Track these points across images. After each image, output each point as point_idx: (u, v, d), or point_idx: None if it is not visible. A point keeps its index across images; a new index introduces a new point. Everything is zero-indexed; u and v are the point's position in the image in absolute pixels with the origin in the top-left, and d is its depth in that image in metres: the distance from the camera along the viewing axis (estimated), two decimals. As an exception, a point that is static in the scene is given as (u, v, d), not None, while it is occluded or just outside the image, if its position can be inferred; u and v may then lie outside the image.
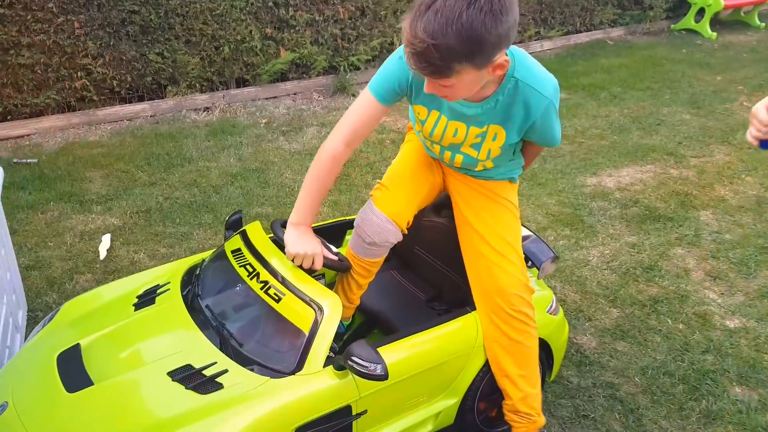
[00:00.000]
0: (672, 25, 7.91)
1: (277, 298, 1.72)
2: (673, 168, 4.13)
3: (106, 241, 3.13)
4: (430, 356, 1.81)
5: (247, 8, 4.76)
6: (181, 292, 1.91)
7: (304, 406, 1.59)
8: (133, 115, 4.62)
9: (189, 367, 1.62)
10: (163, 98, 4.73)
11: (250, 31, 4.83)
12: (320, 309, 1.67)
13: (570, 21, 7.06)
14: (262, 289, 1.75)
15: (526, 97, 1.62)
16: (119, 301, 1.95)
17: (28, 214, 3.36)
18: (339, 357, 1.63)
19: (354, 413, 1.69)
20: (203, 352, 1.67)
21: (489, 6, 1.33)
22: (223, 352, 1.67)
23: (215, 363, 1.63)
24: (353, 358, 1.57)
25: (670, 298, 2.84)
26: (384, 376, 1.57)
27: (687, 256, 3.17)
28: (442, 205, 2.10)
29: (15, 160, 3.93)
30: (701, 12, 7.71)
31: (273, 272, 1.77)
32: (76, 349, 1.74)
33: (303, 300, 1.69)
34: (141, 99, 4.69)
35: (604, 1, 7.28)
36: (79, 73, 4.31)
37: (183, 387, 1.57)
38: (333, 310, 1.67)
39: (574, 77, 5.94)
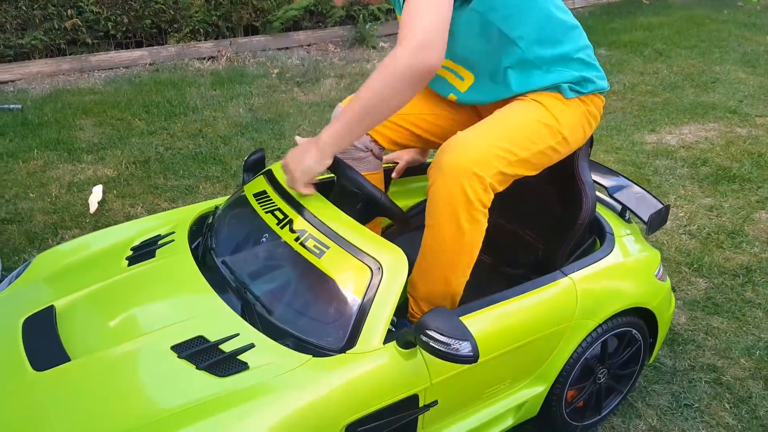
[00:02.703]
0: (710, -15, 7.40)
1: (318, 251, 1.27)
2: (739, 126, 3.66)
3: (97, 192, 2.68)
4: (523, 329, 1.37)
5: (259, -57, 4.26)
6: (190, 244, 1.46)
7: (358, 395, 1.15)
8: (130, 62, 4.14)
9: (201, 339, 1.19)
10: (163, 44, 4.24)
11: (262, -30, 4.34)
12: (378, 266, 1.22)
13: (604, -23, 6.54)
14: (296, 240, 1.30)
15: None
16: (108, 254, 1.51)
17: (7, 162, 2.91)
18: (406, 330, 1.19)
19: (422, 405, 1.25)
20: (220, 321, 1.23)
21: None
22: (246, 321, 1.23)
23: (237, 335, 1.19)
24: (429, 331, 1.12)
25: (765, 267, 2.40)
26: (473, 358, 1.12)
27: (774, 220, 2.72)
28: None
29: (-5, 106, 3.46)
30: (741, -27, 7.20)
31: (311, 219, 1.32)
32: (48, 312, 1.31)
33: (354, 254, 1.25)
34: (139, 45, 4.20)
35: (641, -44, 6.75)
36: (69, 12, 3.82)
37: (193, 366, 1.14)
38: (396, 268, 1.23)
39: (613, 34, 5.45)
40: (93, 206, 2.60)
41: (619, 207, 1.77)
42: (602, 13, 6.22)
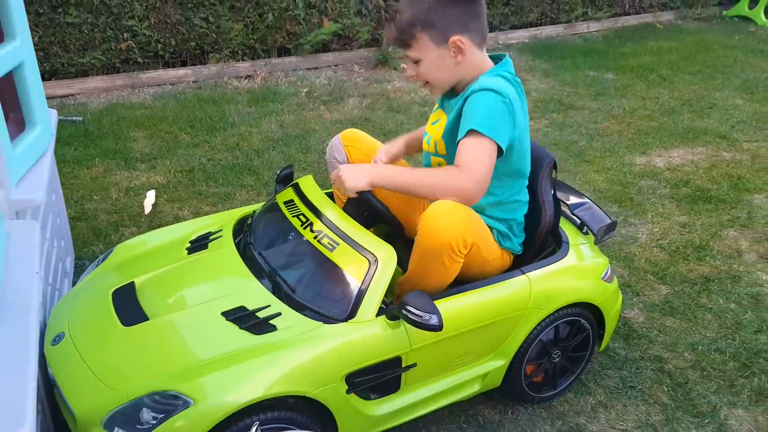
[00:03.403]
0: (724, 12, 7.66)
1: (331, 247, 1.70)
2: (726, 151, 4.00)
3: (150, 196, 3.15)
4: (484, 313, 1.77)
5: (293, -24, 4.73)
6: (234, 240, 1.91)
7: (355, 352, 1.58)
8: (176, 80, 4.64)
9: (243, 308, 1.62)
10: (205, 64, 4.74)
11: (294, 0, 4.81)
12: (375, 259, 1.64)
13: (618, 2, 6.88)
14: (315, 238, 1.73)
15: (471, 89, 1.72)
16: (172, 245, 1.95)
17: (73, 168, 3.40)
18: (393, 307, 1.61)
19: (404, 365, 1.66)
20: (257, 296, 1.66)
21: None
22: (276, 296, 1.66)
23: (269, 306, 1.62)
24: (408, 306, 1.55)
25: (722, 278, 2.75)
26: (438, 326, 1.54)
27: (740, 237, 3.06)
28: None
29: (60, 118, 3.93)
30: (755, -1, 7.46)
31: (327, 222, 1.75)
32: (130, 286, 1.75)
33: (357, 250, 1.67)
34: (184, 64, 4.70)
35: (655, -17, 7.08)
36: (125, 35, 4.33)
37: (237, 327, 1.57)
38: (387, 261, 1.65)
39: (623, 58, 5.79)
40: (147, 208, 3.07)
41: (578, 221, 2.16)
42: (615, 37, 6.54)
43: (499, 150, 1.67)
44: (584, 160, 3.77)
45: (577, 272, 1.97)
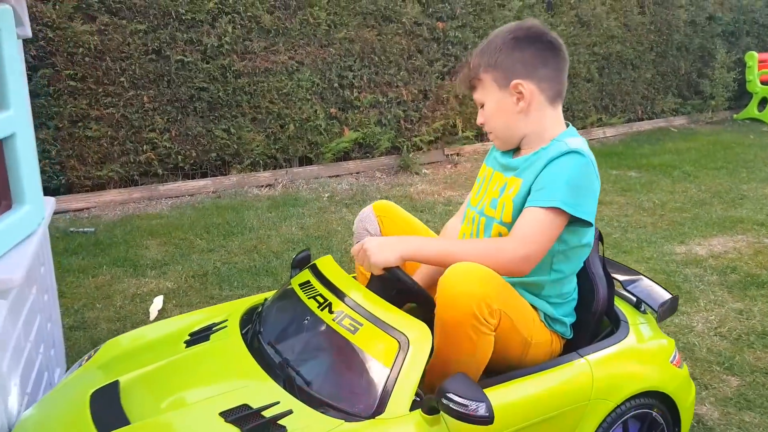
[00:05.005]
0: (735, 115, 7.77)
1: (353, 328, 1.45)
2: (767, 238, 3.78)
3: (158, 302, 2.97)
4: (540, 406, 1.50)
5: (313, 89, 4.84)
6: (241, 331, 1.67)
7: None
8: (195, 191, 4.61)
9: (246, 407, 1.35)
10: (226, 174, 4.74)
11: (315, 111, 4.88)
12: (406, 340, 1.40)
13: (631, 109, 6.98)
14: (334, 320, 1.50)
15: (556, 150, 1.56)
16: (168, 339, 1.72)
17: (78, 277, 3.24)
18: (429, 397, 1.34)
19: (448, 477, 1.37)
20: (263, 391, 1.40)
21: (515, 34, 1.61)
22: (287, 391, 1.40)
23: (278, 403, 1.36)
24: (449, 394, 1.27)
25: (796, 366, 2.45)
26: (488, 419, 1.25)
27: (804, 323, 2.78)
28: None
29: (72, 230, 3.89)
30: (763, 102, 7.58)
31: (349, 302, 1.52)
32: (113, 386, 1.50)
33: (384, 330, 1.43)
34: (204, 175, 4.69)
35: (665, 90, 7.21)
36: (144, 147, 4.36)
37: (238, 430, 1.30)
38: (421, 342, 1.40)
39: (643, 158, 5.75)
40: (153, 314, 2.87)
41: (633, 299, 1.92)
42: (632, 141, 6.57)
43: (585, 222, 1.53)
44: (621, 251, 3.57)
45: (642, 355, 1.72)
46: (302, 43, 4.75)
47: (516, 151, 1.71)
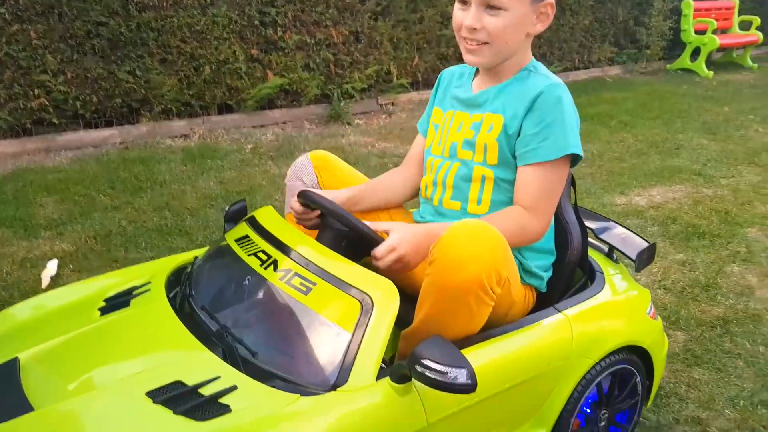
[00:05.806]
0: (668, 65, 7.78)
1: (305, 289, 1.23)
2: (705, 187, 3.72)
3: (51, 267, 2.59)
4: (521, 366, 1.34)
5: (231, 26, 4.38)
6: (167, 294, 1.41)
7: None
8: (99, 142, 4.13)
9: (179, 384, 1.12)
10: (134, 123, 4.26)
11: (234, 52, 4.44)
12: (369, 300, 1.18)
13: (568, 57, 6.84)
14: (282, 279, 1.26)
15: (536, 83, 1.44)
16: (78, 306, 1.45)
17: (-45, 242, 2.81)
18: (399, 364, 1.13)
19: (419, 448, 1.16)
20: (199, 364, 1.17)
21: None
22: (228, 363, 1.16)
23: (218, 378, 1.13)
24: (424, 360, 1.06)
25: (741, 318, 2.35)
26: (471, 386, 1.05)
27: (746, 273, 2.70)
28: None
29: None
30: (696, 52, 7.60)
31: (297, 258, 1.28)
32: (11, 365, 1.23)
33: (342, 289, 1.20)
34: (109, 124, 4.21)
35: (602, 38, 7.09)
36: (36, 91, 3.82)
37: (170, 411, 1.06)
38: (387, 302, 1.18)
39: (580, 108, 5.37)
40: (45, 281, 2.50)
41: (606, 248, 1.75)
42: (570, 90, 6.44)
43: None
44: (561, 201, 3.41)
45: (621, 308, 1.60)
46: (218, -25, 4.27)
47: (472, 81, 1.56)
